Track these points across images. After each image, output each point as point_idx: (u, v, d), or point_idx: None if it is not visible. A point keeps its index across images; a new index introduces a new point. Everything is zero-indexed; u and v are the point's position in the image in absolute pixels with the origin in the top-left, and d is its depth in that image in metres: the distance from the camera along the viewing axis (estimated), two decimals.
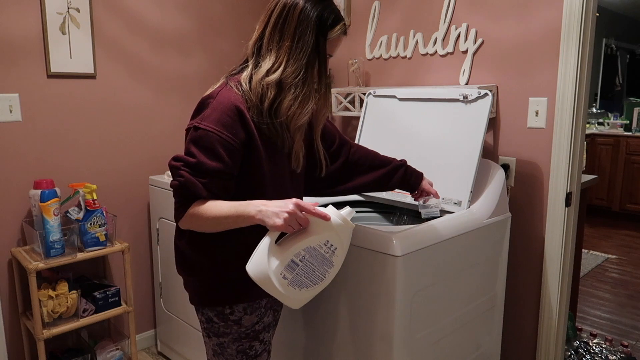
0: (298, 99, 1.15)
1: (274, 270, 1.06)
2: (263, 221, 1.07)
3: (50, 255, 1.93)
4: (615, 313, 3.03)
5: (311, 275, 1.10)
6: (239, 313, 1.23)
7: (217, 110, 1.13)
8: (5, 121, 2.01)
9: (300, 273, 1.09)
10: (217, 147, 1.11)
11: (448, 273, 1.50)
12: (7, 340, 2.10)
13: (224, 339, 1.26)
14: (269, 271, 1.06)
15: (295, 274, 1.08)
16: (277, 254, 1.07)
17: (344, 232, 1.11)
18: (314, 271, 1.10)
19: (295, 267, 1.08)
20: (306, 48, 1.15)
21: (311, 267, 1.09)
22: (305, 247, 1.08)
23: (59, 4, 2.07)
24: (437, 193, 1.55)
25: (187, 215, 1.13)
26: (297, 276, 1.09)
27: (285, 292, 1.08)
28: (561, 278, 1.83)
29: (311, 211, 1.07)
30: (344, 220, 1.10)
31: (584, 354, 2.19)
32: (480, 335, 1.73)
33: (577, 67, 1.71)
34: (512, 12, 1.84)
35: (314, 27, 1.15)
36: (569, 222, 1.81)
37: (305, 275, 1.09)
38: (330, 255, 1.11)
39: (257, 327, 1.27)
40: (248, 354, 1.28)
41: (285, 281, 1.07)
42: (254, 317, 1.25)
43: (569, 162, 1.76)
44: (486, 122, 1.64)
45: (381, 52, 2.26)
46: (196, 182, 1.11)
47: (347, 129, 2.48)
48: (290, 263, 1.08)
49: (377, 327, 1.37)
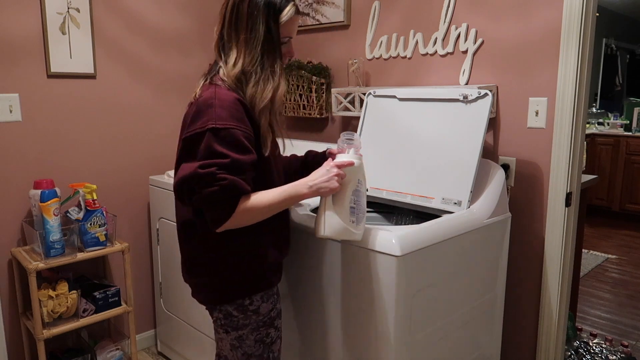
0: (259, 83, 1.24)
1: (345, 220, 1.28)
2: (318, 192, 1.24)
3: (50, 255, 1.93)
4: (615, 313, 3.03)
5: (362, 209, 1.33)
6: (257, 302, 1.31)
7: (225, 108, 1.18)
8: (5, 121, 2.01)
9: (358, 211, 1.31)
10: (243, 141, 1.18)
11: (448, 273, 1.50)
12: (7, 340, 2.10)
13: (243, 331, 1.32)
14: (344, 223, 1.28)
15: (357, 214, 1.31)
16: (339, 209, 1.28)
17: (361, 167, 1.34)
18: (362, 204, 1.33)
19: (354, 210, 1.30)
20: (259, 36, 1.23)
21: (360, 205, 1.32)
22: (352, 190, 1.30)
23: (59, 4, 2.08)
24: None
25: (236, 215, 1.17)
26: (358, 215, 1.31)
27: (357, 231, 1.30)
28: (561, 278, 1.83)
29: (345, 164, 1.28)
30: (357, 158, 1.32)
31: (584, 354, 2.19)
32: (480, 335, 1.73)
33: (577, 67, 1.71)
34: (512, 12, 1.84)
35: (264, 15, 1.23)
36: (569, 222, 1.81)
37: (360, 212, 1.32)
38: (362, 188, 1.34)
39: (272, 314, 1.36)
40: (265, 342, 1.35)
41: (354, 224, 1.30)
42: (269, 305, 1.34)
43: (569, 162, 1.76)
44: (486, 122, 1.64)
45: (381, 52, 2.26)
46: (239, 180, 1.16)
47: (347, 129, 2.48)
48: (350, 209, 1.29)
49: (377, 327, 1.37)
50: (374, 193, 1.87)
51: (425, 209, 1.72)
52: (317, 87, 2.43)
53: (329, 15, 2.45)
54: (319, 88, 2.43)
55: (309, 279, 1.55)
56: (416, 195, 1.74)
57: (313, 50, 2.56)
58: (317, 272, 1.52)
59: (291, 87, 2.53)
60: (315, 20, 2.52)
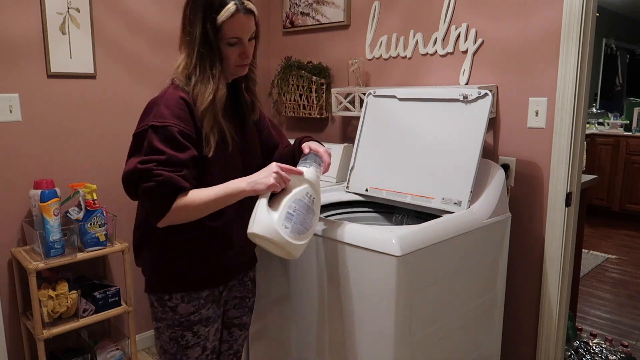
0: (197, 85, 1.24)
1: (276, 222, 1.21)
2: (255, 189, 1.21)
3: (50, 255, 1.93)
4: (615, 313, 3.03)
5: (304, 222, 1.25)
6: (175, 300, 1.31)
7: (169, 106, 1.22)
8: (5, 121, 2.01)
9: (296, 221, 1.23)
10: (179, 138, 1.19)
11: (448, 273, 1.50)
12: (7, 340, 2.10)
13: (160, 323, 1.34)
14: (274, 224, 1.20)
15: (293, 222, 1.23)
16: (272, 208, 1.23)
17: (316, 183, 1.30)
18: (304, 219, 1.25)
19: (292, 217, 1.23)
20: (195, 38, 1.23)
21: (302, 216, 1.25)
22: (294, 199, 1.25)
23: (59, 4, 2.07)
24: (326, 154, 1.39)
25: (173, 211, 1.18)
26: (295, 224, 1.23)
27: (290, 240, 1.22)
28: (561, 278, 1.83)
29: (290, 169, 1.25)
30: (312, 173, 1.30)
31: (584, 354, 2.19)
32: (480, 335, 1.73)
33: (577, 67, 1.71)
34: (512, 12, 1.84)
35: (201, 16, 1.22)
36: (569, 222, 1.81)
37: (300, 223, 1.24)
38: (311, 204, 1.28)
39: (192, 317, 1.32)
40: (179, 343, 1.34)
41: (287, 230, 1.21)
42: (190, 307, 1.32)
43: (569, 162, 1.76)
44: (486, 122, 1.64)
45: (381, 52, 2.26)
46: (175, 176, 1.17)
47: (347, 129, 2.49)
48: (287, 214, 1.23)
49: (377, 327, 1.37)
50: (374, 193, 1.88)
51: (425, 209, 1.72)
52: (317, 87, 2.43)
53: (329, 15, 2.45)
54: (319, 88, 2.43)
55: (309, 279, 1.55)
56: (416, 195, 1.74)
57: (313, 50, 2.56)
58: (316, 272, 1.52)
59: (291, 87, 2.53)
60: (315, 20, 2.52)
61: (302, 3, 2.56)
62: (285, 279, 1.63)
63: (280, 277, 1.65)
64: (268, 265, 1.71)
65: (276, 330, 1.71)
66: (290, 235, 1.22)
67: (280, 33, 2.74)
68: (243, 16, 1.24)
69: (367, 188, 1.90)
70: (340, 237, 1.43)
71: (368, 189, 1.89)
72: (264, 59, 2.80)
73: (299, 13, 2.60)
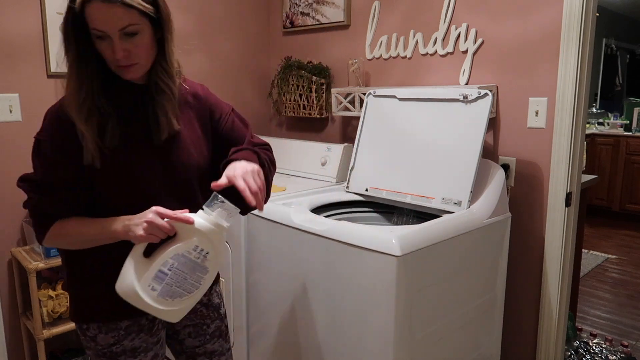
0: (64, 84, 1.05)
1: (141, 283, 1.00)
2: (128, 235, 1.00)
3: (50, 255, 1.93)
4: (615, 313, 3.03)
5: (183, 283, 1.03)
6: (94, 330, 1.15)
7: (48, 114, 1.07)
8: (5, 121, 2.01)
9: (171, 282, 1.01)
10: (50, 155, 1.04)
11: (448, 273, 1.50)
12: (7, 340, 2.10)
13: (89, 352, 1.19)
14: (135, 285, 0.99)
15: (165, 284, 1.01)
16: (144, 266, 1.01)
17: (215, 235, 1.02)
18: (186, 279, 1.03)
19: (164, 277, 1.01)
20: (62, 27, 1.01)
21: (182, 275, 1.02)
22: (173, 254, 1.01)
23: (59, 4, 2.06)
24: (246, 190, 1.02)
25: (51, 237, 1.06)
26: (168, 286, 1.01)
27: (157, 305, 1.01)
28: (561, 278, 1.83)
29: (172, 216, 0.99)
30: (211, 222, 1.01)
31: (584, 354, 2.19)
32: (480, 335, 1.73)
33: (577, 67, 1.71)
34: (512, 12, 1.84)
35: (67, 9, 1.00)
36: (569, 222, 1.81)
37: (177, 284, 1.02)
38: (203, 261, 1.03)
39: (114, 348, 1.15)
40: None
41: (154, 293, 1.00)
42: (109, 338, 1.15)
43: (569, 162, 1.76)
44: (486, 122, 1.64)
45: (381, 52, 2.26)
46: (45, 201, 1.04)
47: (347, 129, 2.49)
48: (158, 273, 1.01)
49: (377, 327, 1.37)
50: (374, 193, 1.88)
51: (425, 209, 1.72)
52: (317, 87, 2.43)
53: (329, 15, 2.45)
54: (319, 88, 2.43)
55: (309, 279, 1.55)
56: (416, 195, 1.74)
57: (313, 50, 2.56)
58: (316, 272, 1.52)
59: (291, 87, 2.53)
60: (315, 20, 2.52)
61: (302, 3, 2.56)
62: (285, 278, 1.63)
63: (280, 277, 1.65)
64: (267, 265, 1.71)
65: (276, 330, 1.71)
66: (158, 299, 1.01)
67: (280, 33, 2.74)
68: (101, 4, 0.96)
69: (367, 188, 1.90)
70: (340, 237, 1.43)
71: (368, 189, 1.90)
72: (264, 59, 2.81)
73: (299, 13, 2.60)
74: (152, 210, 0.99)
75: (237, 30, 2.65)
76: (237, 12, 2.65)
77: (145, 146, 1.08)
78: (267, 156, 1.23)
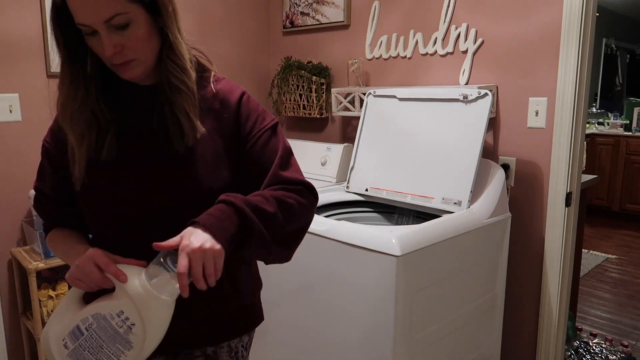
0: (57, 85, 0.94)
1: (57, 333, 0.84)
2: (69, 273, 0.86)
3: (50, 255, 1.93)
4: (615, 313, 3.03)
5: (98, 352, 0.80)
6: None
7: None
8: (5, 121, 2.00)
9: (84, 346, 0.81)
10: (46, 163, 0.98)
11: (448, 273, 1.50)
12: (7, 340, 2.10)
13: None
14: (50, 333, 0.84)
15: (78, 345, 0.82)
16: (68, 315, 0.84)
17: (143, 305, 0.78)
18: (101, 348, 0.80)
19: (80, 336, 0.82)
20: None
21: (98, 342, 0.80)
22: (94, 312, 0.81)
23: None
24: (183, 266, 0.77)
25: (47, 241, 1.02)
26: (80, 349, 0.81)
27: None
28: (561, 278, 1.83)
29: (104, 267, 0.80)
30: (145, 288, 0.78)
31: (584, 354, 2.19)
32: (480, 335, 1.73)
33: (577, 67, 1.71)
34: (512, 12, 1.84)
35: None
36: (569, 222, 1.81)
37: (89, 350, 0.81)
38: (127, 332, 0.79)
39: None
40: None
41: (65, 351, 0.83)
42: None
43: (569, 162, 1.76)
44: (486, 122, 1.64)
45: (381, 52, 2.26)
46: (40, 212, 1.02)
47: (347, 129, 2.49)
48: (75, 329, 0.82)
49: (377, 327, 1.37)
50: (374, 193, 1.88)
51: (425, 209, 1.72)
52: (317, 87, 2.43)
53: (329, 15, 2.45)
54: (319, 88, 2.43)
55: (309, 279, 1.55)
56: (416, 195, 1.74)
57: (313, 50, 2.56)
58: (317, 272, 1.52)
59: (291, 87, 2.53)
60: (315, 20, 2.52)
61: (302, 3, 2.56)
62: (285, 278, 1.63)
63: (280, 277, 1.65)
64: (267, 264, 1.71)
65: (276, 330, 1.71)
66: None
67: (280, 33, 2.74)
68: None
69: (367, 188, 1.90)
70: (340, 237, 1.43)
71: (368, 189, 1.90)
72: (264, 59, 2.81)
73: (299, 13, 2.60)
74: (89, 253, 0.83)
75: (237, 30, 2.65)
76: (237, 12, 2.65)
77: (145, 162, 0.92)
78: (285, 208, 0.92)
